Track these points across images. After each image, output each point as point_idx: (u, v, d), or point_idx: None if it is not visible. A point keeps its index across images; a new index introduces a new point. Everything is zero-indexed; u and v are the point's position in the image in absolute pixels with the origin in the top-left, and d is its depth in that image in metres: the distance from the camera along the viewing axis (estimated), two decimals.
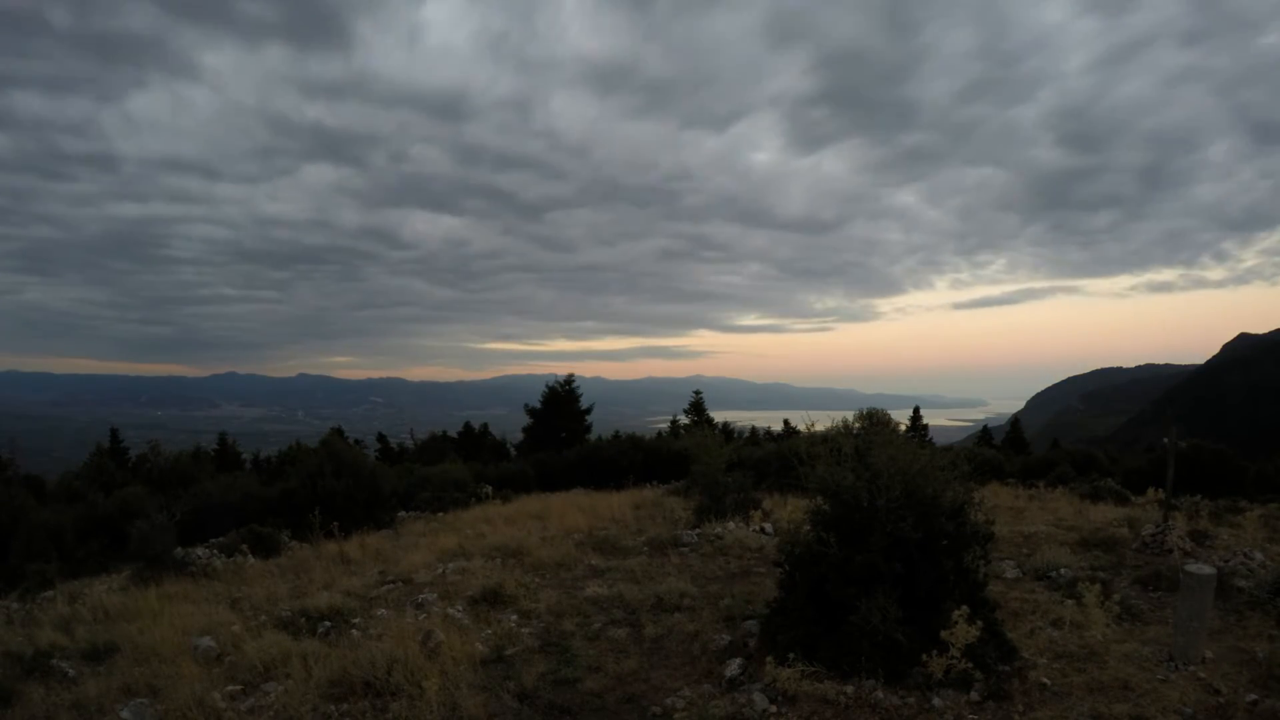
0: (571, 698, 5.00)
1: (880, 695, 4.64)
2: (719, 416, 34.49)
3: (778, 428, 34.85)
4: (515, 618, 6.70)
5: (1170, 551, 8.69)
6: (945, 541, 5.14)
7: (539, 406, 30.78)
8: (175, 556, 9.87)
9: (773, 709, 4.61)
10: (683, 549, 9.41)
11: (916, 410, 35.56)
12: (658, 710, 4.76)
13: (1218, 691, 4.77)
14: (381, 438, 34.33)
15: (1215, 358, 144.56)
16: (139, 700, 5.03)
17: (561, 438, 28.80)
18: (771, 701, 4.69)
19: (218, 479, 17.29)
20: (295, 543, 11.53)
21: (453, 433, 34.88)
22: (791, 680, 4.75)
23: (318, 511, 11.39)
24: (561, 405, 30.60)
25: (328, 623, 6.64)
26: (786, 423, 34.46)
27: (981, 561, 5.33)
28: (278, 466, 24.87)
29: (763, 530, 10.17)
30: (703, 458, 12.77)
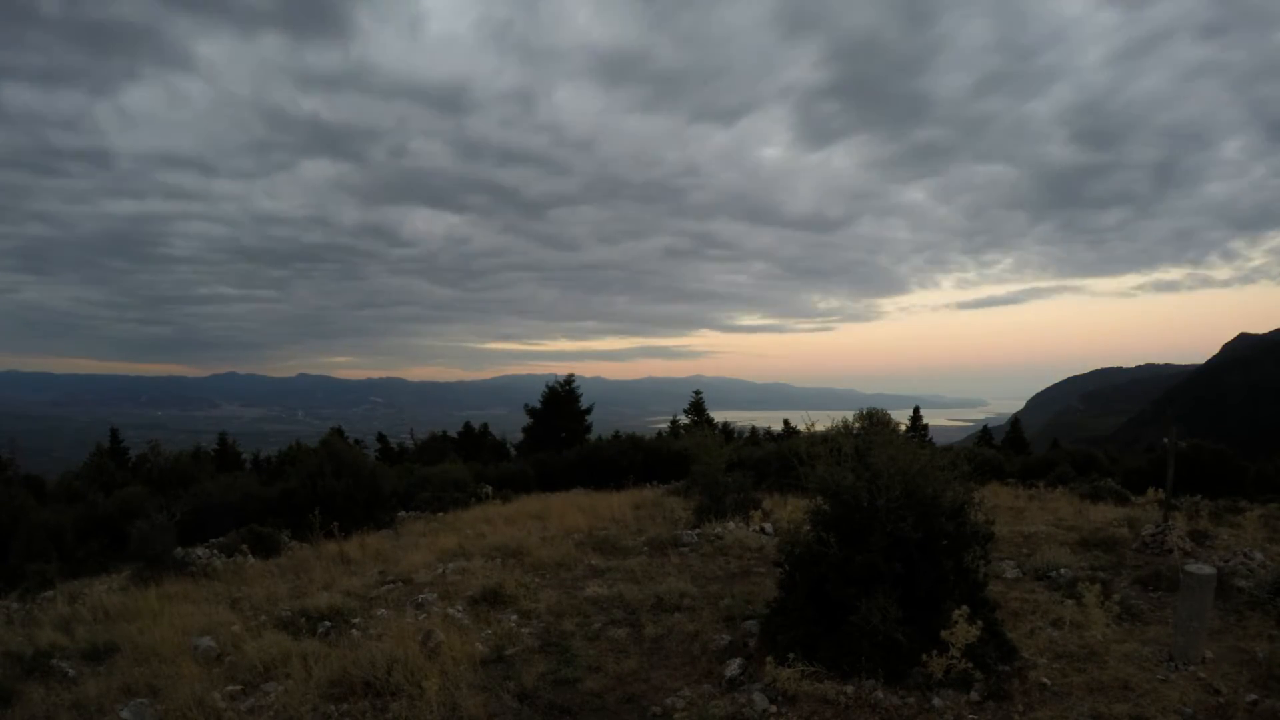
0: (571, 698, 5.01)
1: (880, 695, 4.65)
2: (719, 416, 34.51)
3: (778, 428, 34.86)
4: (515, 618, 6.70)
5: (1170, 551, 8.69)
6: (945, 541, 5.14)
7: (539, 406, 30.80)
8: (175, 556, 9.87)
9: (773, 709, 4.62)
10: (683, 549, 9.41)
11: (916, 410, 35.57)
12: (658, 710, 4.76)
13: (1218, 691, 4.77)
14: (381, 438, 34.34)
15: (1215, 358, 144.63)
16: (139, 700, 5.03)
17: (561, 438, 28.80)
18: (771, 701, 4.69)
19: (218, 479, 17.29)
20: (295, 543, 11.53)
21: (453, 433, 34.89)
22: (791, 680, 4.75)
23: (318, 511, 11.39)
24: (561, 405, 30.61)
25: (328, 623, 6.64)
26: (786, 423, 34.47)
27: (981, 561, 5.33)
28: (278, 466, 24.87)
29: (763, 530, 10.17)
30: (703, 458, 12.77)
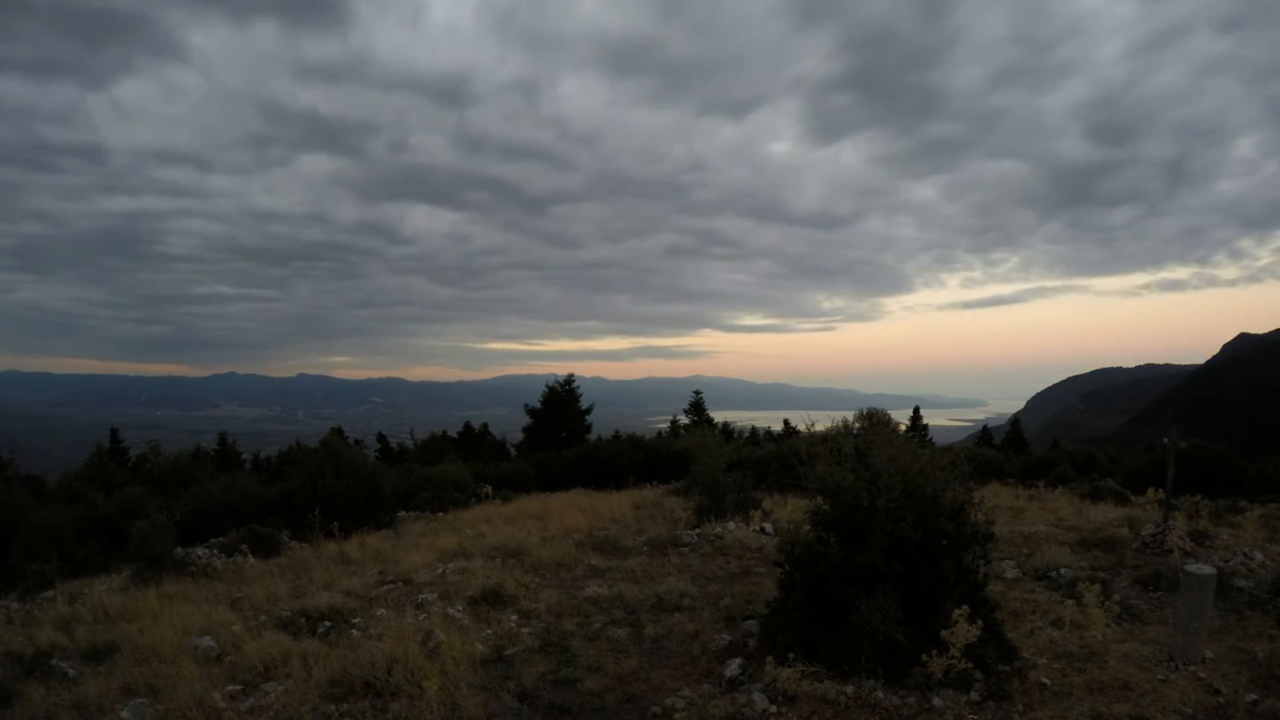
0: (571, 698, 5.01)
1: (880, 695, 4.64)
2: (719, 416, 34.53)
3: (778, 428, 34.87)
4: (515, 618, 6.70)
5: (1170, 551, 8.69)
6: (945, 541, 5.14)
7: (539, 406, 30.81)
8: (175, 556, 9.87)
9: (773, 709, 4.62)
10: (683, 549, 9.41)
11: (916, 410, 35.59)
12: (658, 710, 4.76)
13: (1218, 691, 4.77)
14: (381, 438, 34.34)
15: (1215, 358, 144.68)
16: (139, 700, 5.03)
17: (561, 438, 28.81)
18: (771, 701, 4.69)
19: (218, 479, 17.29)
20: (295, 543, 11.53)
21: (453, 433, 34.90)
22: (791, 680, 4.75)
23: (318, 511, 11.39)
24: (561, 405, 30.62)
25: (328, 623, 6.64)
26: (786, 423, 34.48)
27: (981, 561, 5.33)
28: (278, 466, 24.88)
29: (763, 530, 10.17)
30: (703, 458, 12.77)
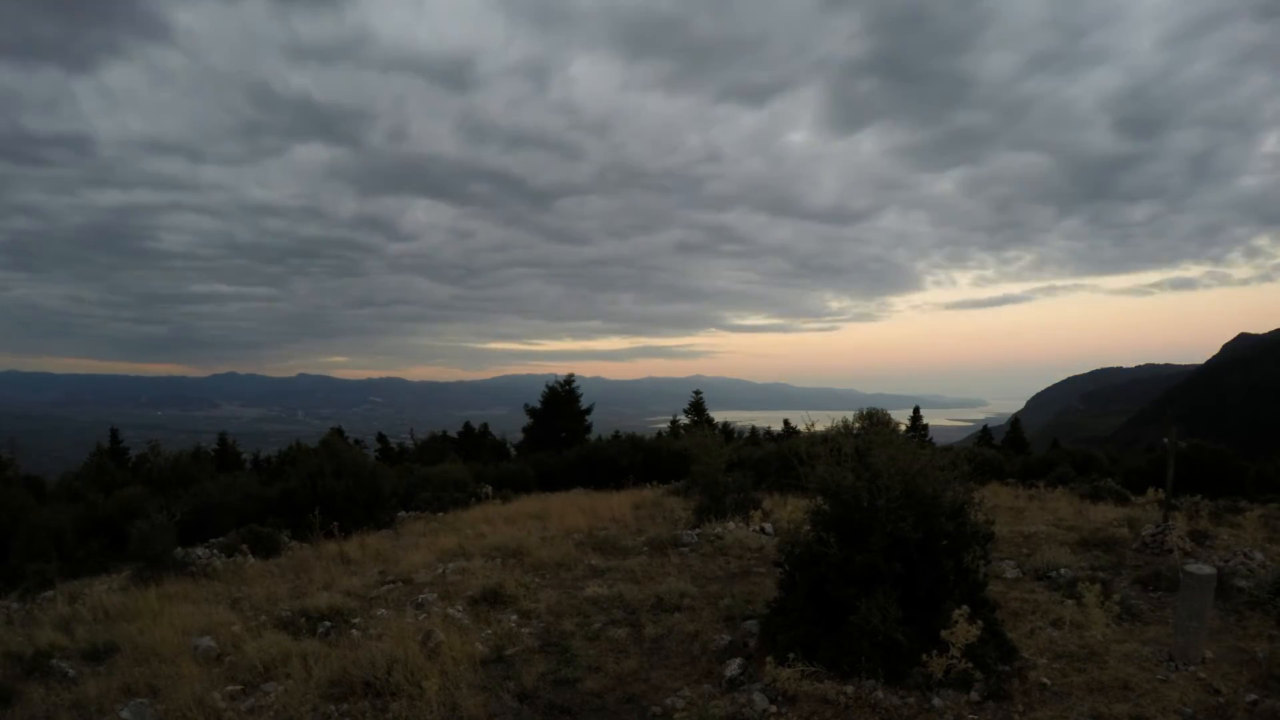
0: (571, 698, 5.01)
1: (880, 695, 4.64)
2: (719, 416, 34.53)
3: (778, 428, 34.88)
4: (515, 618, 6.70)
5: (1170, 551, 8.69)
6: (945, 541, 5.14)
7: (539, 406, 30.80)
8: (175, 556, 9.87)
9: (773, 709, 4.62)
10: (683, 549, 9.41)
11: (916, 410, 35.59)
12: (658, 710, 4.76)
13: (1218, 691, 4.77)
14: (381, 438, 34.34)
15: (1215, 358, 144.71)
16: (139, 700, 5.03)
17: (561, 438, 28.81)
18: (771, 701, 4.69)
19: (218, 479, 17.29)
20: (295, 543, 11.54)
21: (453, 433, 34.90)
22: (791, 680, 4.75)
23: (318, 511, 11.39)
24: (561, 405, 30.62)
25: (328, 623, 6.64)
26: (787, 423, 34.49)
27: (981, 561, 5.33)
28: (278, 466, 24.88)
29: (763, 530, 10.17)
30: (703, 458, 12.76)
